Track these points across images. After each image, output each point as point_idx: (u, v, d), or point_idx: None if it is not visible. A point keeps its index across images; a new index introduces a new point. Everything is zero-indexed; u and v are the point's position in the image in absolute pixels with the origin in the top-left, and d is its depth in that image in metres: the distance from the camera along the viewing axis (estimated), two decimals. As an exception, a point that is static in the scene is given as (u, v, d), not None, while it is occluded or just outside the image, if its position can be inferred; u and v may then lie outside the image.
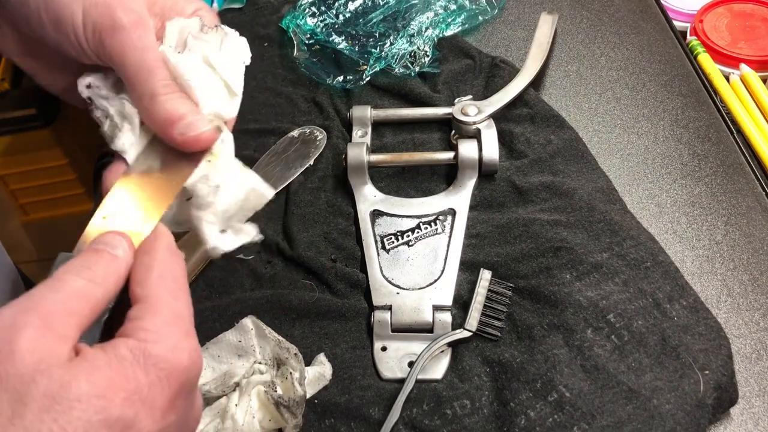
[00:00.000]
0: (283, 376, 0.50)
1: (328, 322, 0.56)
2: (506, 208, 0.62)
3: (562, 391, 0.49)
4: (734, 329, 0.54)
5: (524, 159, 0.65)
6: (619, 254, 0.56)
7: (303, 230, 0.63)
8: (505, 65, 0.74)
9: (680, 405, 0.47)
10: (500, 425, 0.49)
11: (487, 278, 0.56)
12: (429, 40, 0.77)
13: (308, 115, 0.74)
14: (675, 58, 0.76)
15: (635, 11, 0.82)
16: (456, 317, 0.56)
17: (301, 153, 0.69)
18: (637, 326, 0.52)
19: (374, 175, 0.66)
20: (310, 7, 0.79)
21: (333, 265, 0.59)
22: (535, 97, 0.70)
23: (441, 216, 0.62)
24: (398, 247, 0.60)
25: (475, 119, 0.66)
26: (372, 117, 0.71)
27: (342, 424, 0.50)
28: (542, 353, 0.51)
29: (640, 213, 0.62)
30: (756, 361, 0.52)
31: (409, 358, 0.54)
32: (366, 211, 0.63)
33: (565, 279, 0.55)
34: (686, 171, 0.65)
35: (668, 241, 0.59)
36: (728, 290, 0.56)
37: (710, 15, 0.82)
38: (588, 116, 0.71)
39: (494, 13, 0.82)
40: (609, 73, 0.75)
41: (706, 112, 0.70)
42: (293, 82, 0.78)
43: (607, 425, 0.47)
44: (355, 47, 0.76)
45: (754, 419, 0.50)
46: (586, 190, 0.62)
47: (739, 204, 0.62)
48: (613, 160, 0.67)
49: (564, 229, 0.58)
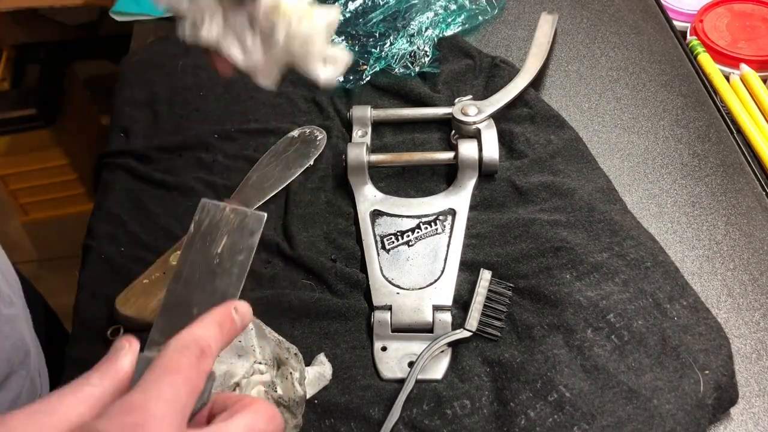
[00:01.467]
0: (283, 376, 0.50)
1: (328, 322, 0.56)
2: (506, 208, 0.62)
3: (562, 391, 0.49)
4: (734, 329, 0.54)
5: (524, 159, 0.65)
6: (619, 254, 0.56)
7: (303, 230, 0.63)
8: (505, 65, 0.74)
9: (680, 405, 0.47)
10: (500, 425, 0.49)
11: (487, 278, 0.56)
12: (429, 40, 0.77)
13: (308, 115, 0.74)
14: (675, 58, 0.76)
15: (635, 11, 0.82)
16: (456, 317, 0.56)
17: (301, 153, 0.69)
18: (637, 326, 0.52)
19: (374, 175, 0.66)
20: (310, 7, 0.79)
21: (333, 265, 0.59)
22: (535, 97, 0.70)
23: (441, 216, 0.62)
24: (398, 247, 0.60)
25: (475, 119, 0.66)
26: (372, 117, 0.71)
27: (342, 424, 0.50)
28: (542, 353, 0.51)
29: (640, 213, 0.62)
30: (756, 361, 0.52)
31: (409, 358, 0.54)
32: (366, 211, 0.63)
33: (565, 279, 0.55)
34: (686, 171, 0.65)
35: (668, 241, 0.59)
36: (728, 290, 0.56)
37: (710, 15, 0.82)
38: (588, 116, 0.71)
39: (494, 13, 0.82)
40: (609, 73, 0.75)
41: (706, 112, 0.70)
42: (293, 82, 0.78)
43: (607, 425, 0.47)
44: (355, 47, 0.76)
45: (754, 419, 0.50)
46: (586, 190, 0.62)
47: (739, 204, 0.62)
48: (613, 160, 0.67)
49: (564, 229, 0.58)
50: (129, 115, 0.77)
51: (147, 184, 0.69)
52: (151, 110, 0.77)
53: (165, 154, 0.71)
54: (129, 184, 0.70)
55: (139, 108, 0.78)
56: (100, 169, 0.73)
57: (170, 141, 0.73)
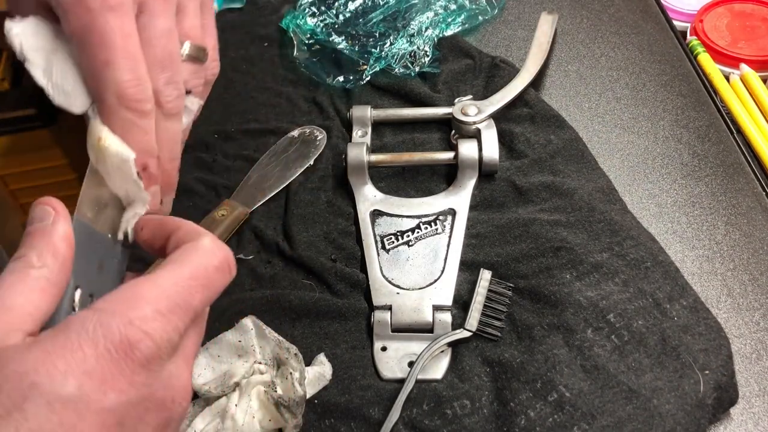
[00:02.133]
0: (283, 376, 0.50)
1: (328, 322, 0.56)
2: (506, 208, 0.62)
3: (562, 391, 0.49)
4: (734, 329, 0.54)
5: (524, 159, 0.65)
6: (619, 254, 0.56)
7: (303, 230, 0.63)
8: (505, 65, 0.74)
9: (680, 405, 0.47)
10: (500, 425, 0.49)
11: (487, 278, 0.56)
12: (429, 40, 0.77)
13: (308, 115, 0.74)
14: (675, 58, 0.76)
15: (635, 11, 0.82)
16: (456, 317, 0.56)
17: (301, 153, 0.69)
18: (637, 326, 0.52)
19: (374, 175, 0.66)
20: (310, 7, 0.79)
21: (333, 265, 0.59)
22: (535, 97, 0.70)
23: (441, 216, 0.62)
24: (398, 247, 0.60)
25: (475, 119, 0.66)
26: (372, 117, 0.71)
27: (342, 424, 0.50)
28: (542, 353, 0.51)
29: (640, 213, 0.62)
30: (756, 361, 0.52)
31: (409, 358, 0.54)
32: (366, 211, 0.63)
33: (565, 279, 0.55)
34: (686, 171, 0.65)
35: (668, 241, 0.59)
36: (728, 290, 0.56)
37: (710, 15, 0.82)
38: (588, 116, 0.71)
39: (494, 13, 0.82)
40: (609, 73, 0.75)
41: (706, 112, 0.70)
42: (293, 82, 0.78)
43: (607, 425, 0.47)
44: (355, 47, 0.76)
45: (754, 419, 0.50)
46: (586, 190, 0.62)
47: (739, 204, 0.62)
48: (613, 160, 0.67)
49: (564, 229, 0.58)
50: (129, 115, 0.77)
51: (147, 184, 0.69)
52: (151, 110, 0.77)
53: (165, 154, 0.71)
54: (129, 184, 0.70)
55: (139, 108, 0.78)
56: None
57: (170, 141, 0.73)
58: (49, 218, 0.34)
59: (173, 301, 0.33)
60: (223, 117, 0.75)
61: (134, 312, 0.31)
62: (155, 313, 0.32)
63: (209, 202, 0.65)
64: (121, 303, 0.32)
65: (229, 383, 0.50)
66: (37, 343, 0.30)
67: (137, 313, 0.31)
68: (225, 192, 0.67)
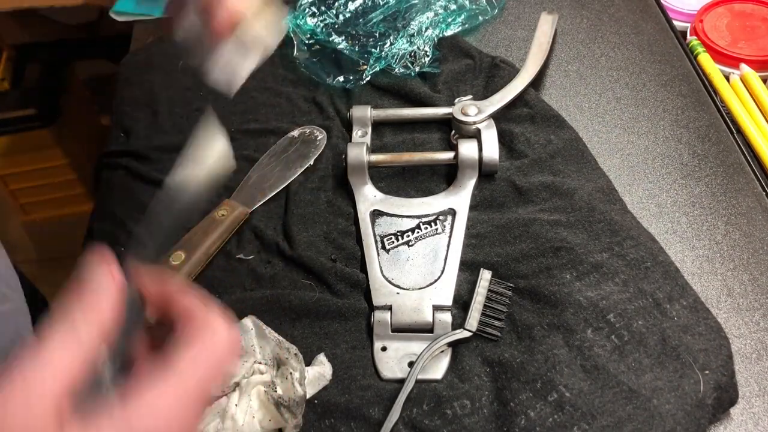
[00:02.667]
0: (283, 376, 0.50)
1: (328, 322, 0.56)
2: (506, 208, 0.62)
3: (562, 391, 0.49)
4: (734, 329, 0.54)
5: (524, 159, 0.65)
6: (619, 254, 0.56)
7: (303, 230, 0.63)
8: (505, 65, 0.74)
9: (680, 405, 0.47)
10: (500, 425, 0.49)
11: (487, 278, 0.56)
12: (429, 40, 0.77)
13: (308, 115, 0.74)
14: (675, 58, 0.76)
15: (635, 11, 0.82)
16: (456, 317, 0.56)
17: (301, 153, 0.69)
18: (637, 326, 0.52)
19: (374, 175, 0.66)
20: (310, 7, 0.79)
21: (333, 265, 0.59)
22: (535, 97, 0.70)
23: (441, 216, 0.62)
24: (398, 247, 0.60)
25: (475, 119, 0.66)
26: (372, 117, 0.71)
27: (342, 424, 0.50)
28: (542, 353, 0.51)
29: (640, 213, 0.62)
30: (756, 361, 0.52)
31: (409, 358, 0.54)
32: (366, 211, 0.63)
33: (565, 279, 0.55)
34: (686, 171, 0.65)
35: (668, 241, 0.59)
36: (728, 290, 0.56)
37: (710, 15, 0.82)
38: (588, 116, 0.71)
39: (494, 13, 0.82)
40: (609, 73, 0.75)
41: (706, 112, 0.70)
42: (293, 82, 0.78)
43: (607, 425, 0.47)
44: (355, 47, 0.76)
45: (754, 419, 0.50)
46: (586, 190, 0.62)
47: (739, 204, 0.62)
48: (613, 160, 0.67)
49: (564, 229, 0.58)
50: (129, 115, 0.77)
51: (147, 184, 0.69)
52: (151, 110, 0.77)
53: (165, 154, 0.71)
54: (129, 184, 0.70)
55: (139, 108, 0.78)
56: (100, 169, 0.73)
57: (170, 141, 0.73)
58: (107, 288, 0.33)
59: (197, 401, 0.32)
60: (223, 117, 0.75)
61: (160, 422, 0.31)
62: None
63: (209, 202, 0.65)
64: (145, 408, 0.31)
65: (229, 383, 0.50)
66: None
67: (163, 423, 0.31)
68: (225, 192, 0.67)
